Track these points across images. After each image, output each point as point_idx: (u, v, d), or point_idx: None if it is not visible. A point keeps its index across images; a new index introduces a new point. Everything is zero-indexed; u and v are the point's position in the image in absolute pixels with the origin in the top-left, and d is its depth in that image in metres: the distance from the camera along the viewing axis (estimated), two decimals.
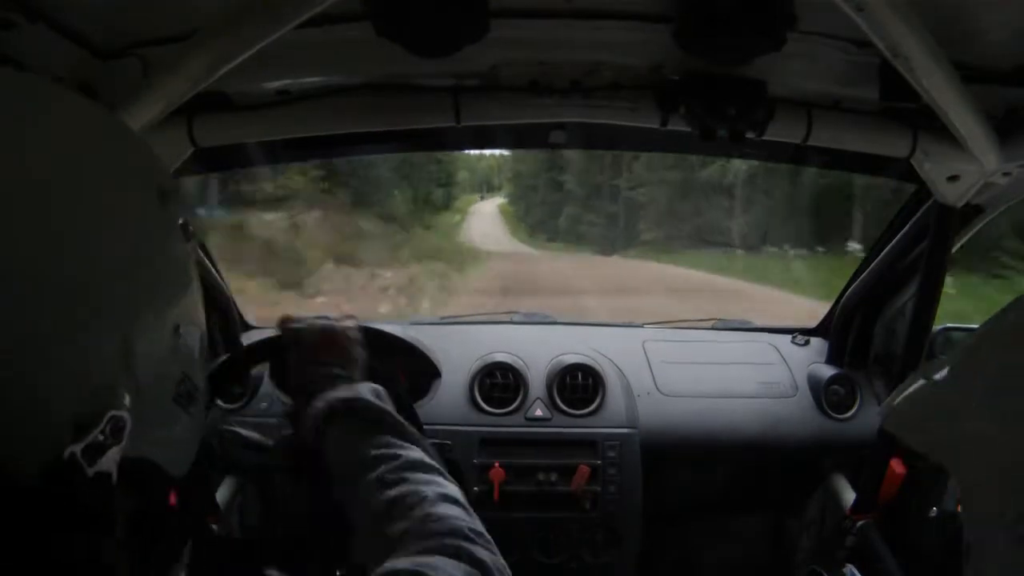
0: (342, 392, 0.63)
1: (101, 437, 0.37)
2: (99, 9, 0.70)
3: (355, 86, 0.89)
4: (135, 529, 0.42)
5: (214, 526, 0.43)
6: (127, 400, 0.38)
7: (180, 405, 0.44)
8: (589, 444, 1.33)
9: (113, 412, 0.37)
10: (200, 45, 0.66)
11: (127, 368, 0.38)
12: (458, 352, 1.43)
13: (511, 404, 1.36)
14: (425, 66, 0.75)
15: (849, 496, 1.36)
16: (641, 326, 1.72)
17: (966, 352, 0.52)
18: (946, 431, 0.50)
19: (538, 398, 1.37)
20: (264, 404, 1.34)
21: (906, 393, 0.57)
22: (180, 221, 0.46)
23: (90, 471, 0.36)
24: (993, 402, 0.44)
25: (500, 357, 1.41)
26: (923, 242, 1.11)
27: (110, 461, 0.37)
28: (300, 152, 1.16)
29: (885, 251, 1.31)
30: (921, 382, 0.54)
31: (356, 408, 0.61)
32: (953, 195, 0.99)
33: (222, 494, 1.19)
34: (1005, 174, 0.95)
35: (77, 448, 0.35)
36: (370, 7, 0.70)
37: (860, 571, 1.23)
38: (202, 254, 1.24)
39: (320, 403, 0.62)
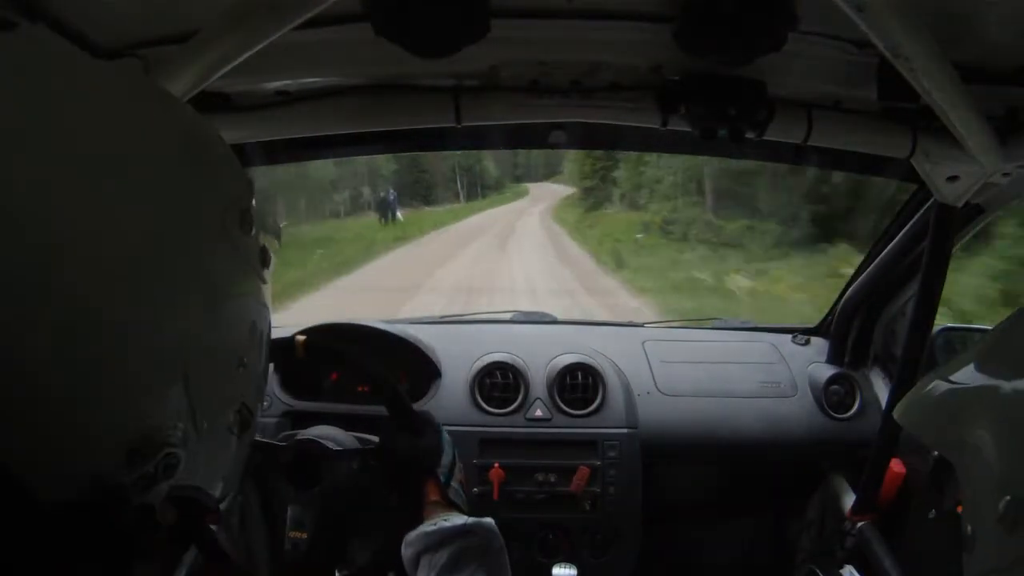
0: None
1: (153, 471, 0.36)
2: (99, 9, 0.70)
3: (355, 86, 0.89)
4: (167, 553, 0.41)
5: (213, 527, 0.42)
6: (184, 435, 0.37)
7: (234, 433, 0.43)
8: (589, 444, 1.33)
9: (169, 449, 0.36)
10: (200, 45, 0.66)
11: (188, 404, 0.37)
12: (458, 351, 1.43)
13: (511, 404, 1.37)
14: (425, 66, 0.75)
15: (849, 497, 1.36)
16: (641, 325, 1.72)
17: (984, 350, 0.52)
18: (957, 427, 0.50)
19: (538, 398, 1.37)
20: (265, 403, 1.34)
21: (923, 391, 0.57)
22: (260, 246, 0.44)
23: (135, 501, 0.35)
24: (1003, 399, 0.44)
25: (500, 357, 1.41)
26: (923, 242, 1.11)
27: (156, 495, 0.37)
28: (300, 152, 1.16)
29: (885, 251, 1.32)
30: (936, 381, 0.54)
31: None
32: (953, 195, 0.99)
33: None
34: (1005, 174, 0.95)
35: (126, 479, 0.35)
36: (370, 7, 0.70)
37: (859, 572, 1.24)
38: None
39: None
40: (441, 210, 16.07)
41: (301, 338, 0.89)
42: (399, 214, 13.18)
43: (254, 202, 0.44)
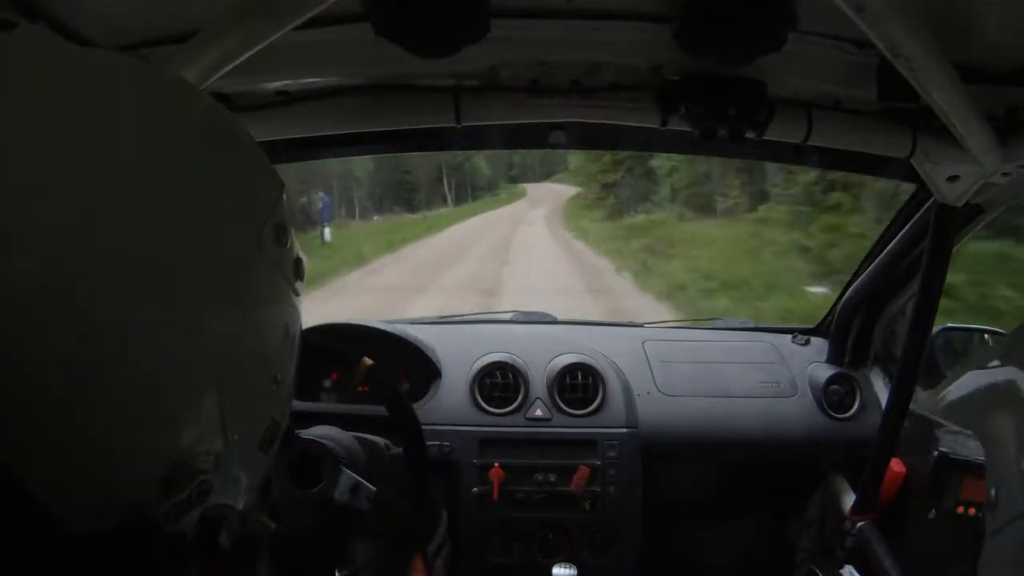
0: None
1: (186, 499, 0.35)
2: (99, 9, 0.70)
3: (355, 86, 0.89)
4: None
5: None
6: (217, 461, 0.37)
7: (262, 450, 0.42)
8: (589, 444, 1.33)
9: (203, 476, 0.36)
10: (200, 45, 0.66)
11: (223, 429, 0.37)
12: (458, 351, 1.43)
13: (511, 404, 1.37)
14: (425, 66, 0.75)
15: (849, 496, 1.37)
16: (641, 325, 1.72)
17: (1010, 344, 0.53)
18: (984, 416, 0.51)
19: (538, 398, 1.37)
20: None
21: (957, 381, 0.58)
22: (295, 257, 0.42)
23: (167, 530, 0.35)
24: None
25: (500, 357, 1.41)
26: (923, 242, 1.12)
27: (188, 522, 0.36)
28: (300, 152, 1.16)
29: (885, 251, 1.32)
30: (973, 370, 0.56)
31: None
32: (953, 195, 0.99)
33: None
34: (1005, 174, 0.95)
35: (160, 509, 0.34)
36: (370, 7, 0.70)
37: (859, 572, 1.23)
38: None
39: None
40: (418, 217, 12.42)
41: (368, 362, 0.89)
42: (327, 232, 8.98)
43: (285, 200, 0.42)
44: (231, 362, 0.37)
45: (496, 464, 1.30)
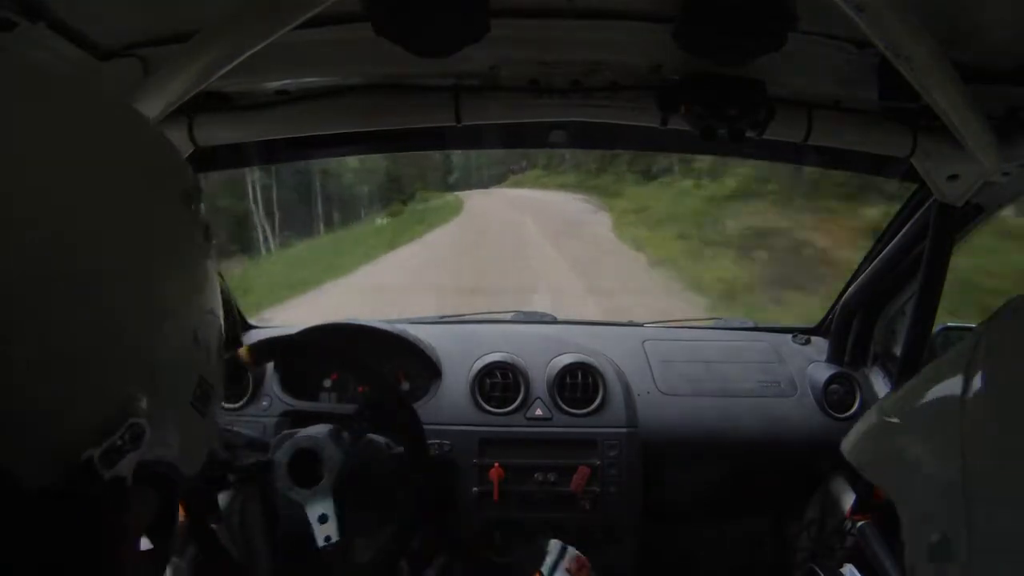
0: None
1: (119, 443, 0.37)
2: (99, 9, 0.70)
3: (355, 86, 0.89)
4: (144, 531, 0.42)
5: (214, 525, 0.43)
6: (146, 407, 0.38)
7: (196, 408, 0.44)
8: (589, 444, 1.33)
9: (133, 419, 0.37)
10: (200, 45, 0.66)
11: (148, 375, 0.39)
12: (458, 351, 1.43)
13: (511, 404, 1.37)
14: (425, 66, 0.75)
15: (849, 496, 1.36)
16: (642, 325, 1.72)
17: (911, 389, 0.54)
18: (895, 465, 0.52)
19: (538, 397, 1.37)
20: (265, 403, 1.34)
21: (862, 428, 0.59)
22: (203, 222, 0.46)
23: (106, 475, 0.36)
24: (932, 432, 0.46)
25: (500, 356, 1.41)
26: (923, 241, 1.12)
27: (126, 466, 0.38)
28: (300, 152, 1.16)
29: (886, 250, 1.32)
30: (875, 417, 0.56)
31: None
32: (953, 194, 0.99)
33: (223, 496, 1.19)
34: (1005, 173, 0.95)
35: (95, 452, 0.36)
36: (370, 7, 0.70)
37: (859, 572, 1.24)
38: None
39: None
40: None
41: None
42: None
43: (193, 179, 0.46)
44: (149, 310, 0.39)
45: (496, 464, 1.30)
